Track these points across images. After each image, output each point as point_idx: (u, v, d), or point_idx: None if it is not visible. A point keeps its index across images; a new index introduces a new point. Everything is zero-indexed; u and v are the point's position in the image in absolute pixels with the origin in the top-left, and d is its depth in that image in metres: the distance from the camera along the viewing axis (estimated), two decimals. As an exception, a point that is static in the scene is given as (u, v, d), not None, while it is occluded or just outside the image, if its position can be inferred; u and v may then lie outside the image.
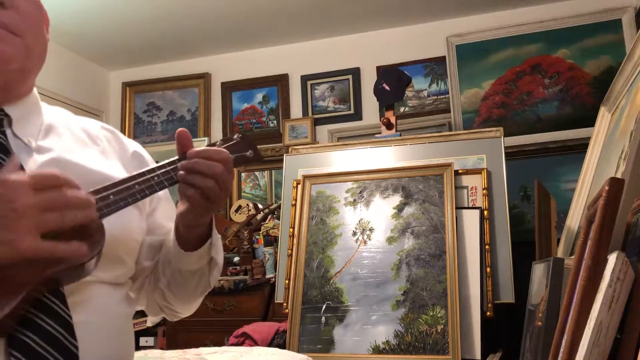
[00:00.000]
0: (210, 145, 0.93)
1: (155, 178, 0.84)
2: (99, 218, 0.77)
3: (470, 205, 2.30)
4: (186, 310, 1.07)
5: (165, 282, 0.99)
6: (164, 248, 1.00)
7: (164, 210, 1.04)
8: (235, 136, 0.97)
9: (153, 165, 1.04)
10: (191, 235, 0.93)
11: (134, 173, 0.84)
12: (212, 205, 0.86)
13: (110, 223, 0.79)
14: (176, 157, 0.87)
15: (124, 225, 0.88)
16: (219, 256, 0.99)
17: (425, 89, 3.50)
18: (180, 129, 0.91)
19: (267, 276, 2.96)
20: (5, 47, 0.84)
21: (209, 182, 0.84)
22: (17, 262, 0.67)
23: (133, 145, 1.06)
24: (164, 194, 0.98)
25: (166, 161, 0.87)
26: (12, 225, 0.66)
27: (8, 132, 0.85)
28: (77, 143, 0.95)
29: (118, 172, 0.94)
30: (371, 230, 2.33)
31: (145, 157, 1.05)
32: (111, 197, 0.79)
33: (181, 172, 0.85)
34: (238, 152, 0.94)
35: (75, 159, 0.89)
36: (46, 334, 0.73)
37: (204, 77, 3.88)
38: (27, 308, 0.72)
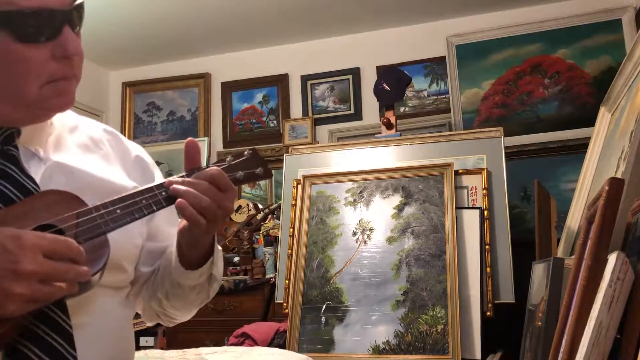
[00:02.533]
0: (220, 161, 0.94)
1: (163, 193, 0.84)
2: (105, 233, 0.78)
3: (470, 205, 2.30)
4: (183, 317, 1.07)
5: (164, 293, 0.99)
6: (165, 260, 1.00)
7: (163, 215, 1.03)
8: (246, 152, 0.98)
9: (154, 169, 1.04)
10: (193, 254, 0.93)
11: (142, 188, 0.84)
12: (210, 225, 0.86)
13: None
14: (184, 173, 0.88)
15: (124, 231, 0.88)
16: (219, 271, 0.99)
17: (425, 89, 3.50)
18: (189, 139, 0.91)
19: (267, 276, 2.96)
20: (72, 96, 0.87)
21: (204, 202, 0.83)
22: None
23: (135, 149, 1.05)
24: None
25: (155, 184, 0.87)
26: (8, 287, 0.65)
27: (19, 143, 0.85)
28: (81, 149, 0.95)
29: (120, 177, 0.94)
30: (371, 230, 2.33)
31: (148, 162, 1.05)
32: (118, 211, 0.79)
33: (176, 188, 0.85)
34: (248, 168, 0.95)
35: (80, 167, 0.89)
36: (45, 345, 0.73)
37: (204, 77, 3.88)
38: (29, 319, 0.72)
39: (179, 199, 0.83)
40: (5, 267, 0.65)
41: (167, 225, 1.02)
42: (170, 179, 0.87)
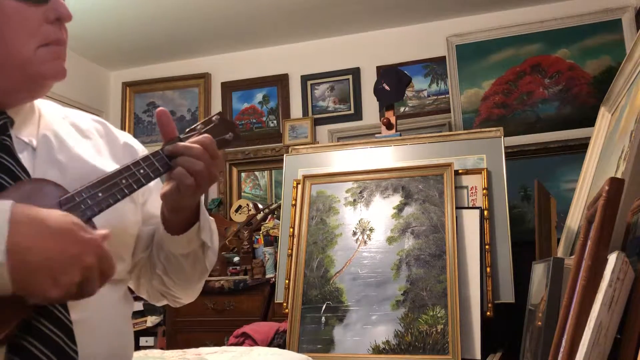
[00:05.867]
0: (190, 129, 0.94)
1: (142, 171, 0.84)
2: (91, 218, 0.77)
3: (470, 205, 2.30)
4: (186, 295, 1.07)
5: (162, 268, 1.00)
6: (156, 233, 1.01)
7: (155, 200, 1.03)
8: (214, 118, 0.97)
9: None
10: (176, 218, 0.94)
11: (119, 168, 0.84)
12: (197, 189, 0.88)
13: (107, 220, 0.79)
14: (160, 149, 0.88)
15: (120, 221, 0.89)
16: (212, 240, 0.99)
17: (425, 89, 3.50)
18: (158, 109, 0.92)
19: (267, 276, 2.96)
20: (64, 65, 0.87)
21: (198, 165, 0.86)
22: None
23: (124, 137, 1.06)
24: (154, 184, 0.99)
25: (150, 153, 0.88)
26: (63, 275, 0.66)
27: (12, 134, 0.85)
28: (72, 139, 0.95)
29: (111, 166, 0.94)
30: (371, 230, 2.33)
31: (137, 148, 1.05)
32: (100, 194, 0.78)
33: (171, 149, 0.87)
34: (218, 135, 0.94)
35: (72, 157, 0.90)
36: (46, 339, 0.73)
37: (204, 77, 3.88)
38: (30, 314, 0.72)
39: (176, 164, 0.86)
40: (68, 260, 0.66)
41: (159, 210, 1.03)
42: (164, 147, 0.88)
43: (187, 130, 0.94)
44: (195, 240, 0.96)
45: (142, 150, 1.06)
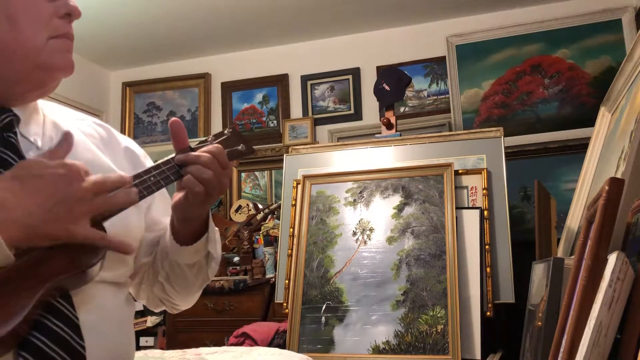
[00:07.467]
0: (202, 142, 0.95)
1: (152, 178, 0.85)
2: (101, 222, 0.78)
3: (470, 205, 2.30)
4: (185, 303, 1.08)
5: (165, 275, 1.01)
6: (161, 241, 1.02)
7: (159, 207, 1.05)
8: (226, 131, 0.99)
9: (145, 160, 1.05)
10: (186, 229, 0.95)
11: (132, 175, 0.84)
12: (207, 198, 0.89)
13: (111, 223, 0.80)
14: (171, 156, 0.89)
15: (124, 225, 0.89)
16: (216, 250, 1.00)
17: (425, 89, 3.50)
18: (172, 119, 0.93)
19: (267, 276, 2.96)
20: (72, 60, 0.90)
21: (207, 173, 0.87)
22: (62, 243, 0.72)
23: (125, 141, 1.06)
24: (159, 191, 1.00)
25: (161, 161, 0.89)
26: (73, 208, 0.70)
27: (17, 132, 0.85)
28: (75, 141, 0.95)
29: (111, 171, 0.95)
30: (371, 230, 2.33)
31: (138, 153, 1.06)
32: None
33: (182, 159, 0.89)
34: (230, 147, 0.96)
35: (77, 158, 0.90)
36: (54, 335, 0.74)
37: (204, 77, 3.88)
38: (38, 312, 0.73)
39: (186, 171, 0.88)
40: (66, 189, 0.71)
41: (164, 216, 1.04)
42: (176, 155, 0.90)
43: (199, 141, 0.95)
44: (201, 251, 0.98)
45: (142, 155, 1.07)
